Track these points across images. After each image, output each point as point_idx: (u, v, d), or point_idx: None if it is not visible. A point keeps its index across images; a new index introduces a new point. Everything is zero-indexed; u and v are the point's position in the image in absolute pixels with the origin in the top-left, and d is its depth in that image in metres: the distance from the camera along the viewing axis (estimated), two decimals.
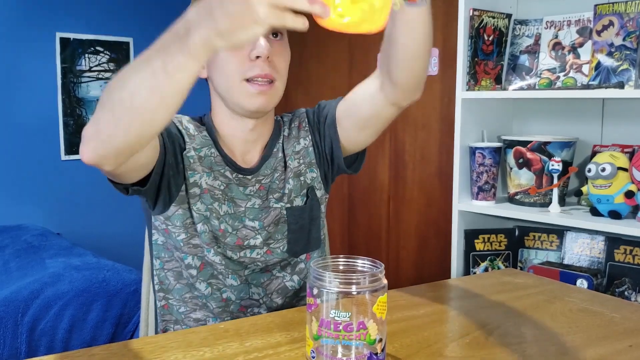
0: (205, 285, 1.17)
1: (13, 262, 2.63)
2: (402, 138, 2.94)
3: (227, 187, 1.18)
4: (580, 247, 2.02)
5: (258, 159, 1.22)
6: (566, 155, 2.03)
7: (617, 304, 1.21)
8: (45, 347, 2.19)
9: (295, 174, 1.24)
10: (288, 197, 1.23)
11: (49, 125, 3.52)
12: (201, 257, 1.16)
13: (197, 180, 1.15)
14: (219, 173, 1.18)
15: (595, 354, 0.93)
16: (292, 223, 1.22)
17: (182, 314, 1.19)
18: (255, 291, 1.20)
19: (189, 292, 1.18)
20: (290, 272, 1.24)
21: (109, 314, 2.32)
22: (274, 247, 1.21)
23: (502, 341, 0.97)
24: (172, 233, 1.16)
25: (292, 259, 1.24)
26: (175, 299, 1.19)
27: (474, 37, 2.13)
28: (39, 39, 3.45)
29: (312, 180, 1.26)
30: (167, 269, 1.18)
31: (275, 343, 0.94)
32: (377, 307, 0.81)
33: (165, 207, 1.14)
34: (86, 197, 3.65)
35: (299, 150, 1.26)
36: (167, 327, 1.20)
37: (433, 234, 2.84)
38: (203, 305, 1.18)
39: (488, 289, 1.27)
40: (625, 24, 1.86)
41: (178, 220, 1.15)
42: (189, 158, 1.15)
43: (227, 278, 1.17)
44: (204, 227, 1.15)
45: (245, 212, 1.19)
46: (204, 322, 1.18)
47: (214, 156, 1.18)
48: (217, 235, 1.16)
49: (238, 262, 1.18)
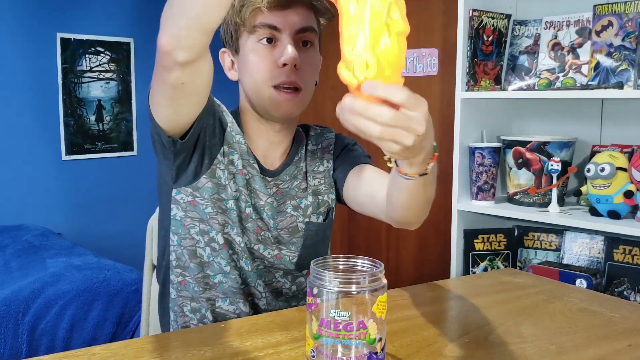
0: (224, 263, 1.18)
1: (14, 261, 2.63)
2: None
3: (252, 177, 1.20)
4: (580, 247, 2.02)
5: (280, 163, 1.25)
6: (565, 155, 2.03)
7: (616, 303, 1.21)
8: (46, 346, 2.19)
9: (314, 192, 1.28)
10: (304, 211, 1.26)
11: (50, 125, 3.52)
12: (225, 235, 1.18)
13: (235, 160, 1.18)
14: (247, 162, 1.20)
15: (595, 353, 0.94)
16: (308, 238, 1.26)
17: (197, 293, 1.20)
18: (260, 283, 1.22)
19: (201, 272, 1.19)
20: (291, 280, 1.27)
21: (109, 314, 2.32)
22: (285, 254, 1.24)
23: (501, 341, 0.98)
24: (198, 205, 1.16)
25: (296, 272, 1.27)
26: (191, 276, 1.20)
27: (474, 37, 2.14)
28: (39, 39, 3.45)
29: (332, 202, 1.31)
30: (183, 246, 1.19)
31: (275, 342, 0.95)
32: (377, 306, 0.82)
33: (195, 177, 1.15)
34: (87, 197, 3.65)
35: (321, 170, 1.30)
36: (184, 303, 1.21)
37: (433, 234, 2.84)
38: (213, 286, 1.19)
39: (487, 289, 1.28)
40: (625, 24, 1.87)
41: (207, 192, 1.16)
42: (231, 137, 1.18)
43: (241, 260, 1.19)
44: (233, 206, 1.17)
45: (264, 207, 1.21)
46: (213, 302, 1.20)
47: (245, 145, 1.20)
48: (242, 217, 1.18)
49: (251, 252, 1.20)
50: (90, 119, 3.65)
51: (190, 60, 0.91)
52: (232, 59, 1.23)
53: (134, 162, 3.83)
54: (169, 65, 0.92)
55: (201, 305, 1.20)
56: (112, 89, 3.70)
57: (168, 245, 1.21)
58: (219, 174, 1.16)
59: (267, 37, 1.14)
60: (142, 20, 3.69)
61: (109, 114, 3.72)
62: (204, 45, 0.91)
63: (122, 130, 3.78)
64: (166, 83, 0.97)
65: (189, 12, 0.86)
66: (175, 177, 1.16)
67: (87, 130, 3.64)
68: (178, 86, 0.97)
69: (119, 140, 3.77)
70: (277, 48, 1.14)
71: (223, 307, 1.20)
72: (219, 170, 1.16)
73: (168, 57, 0.90)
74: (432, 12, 2.77)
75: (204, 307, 1.20)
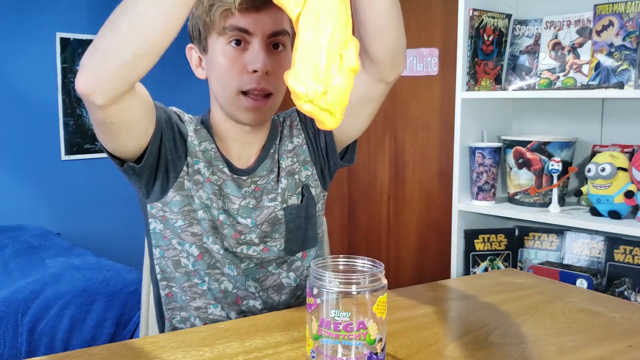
0: (203, 274, 1.17)
1: (13, 262, 2.63)
2: (402, 138, 2.94)
3: (223, 182, 1.18)
4: (580, 247, 2.02)
5: (254, 160, 1.22)
6: (566, 155, 2.03)
7: (617, 304, 1.21)
8: (45, 347, 2.19)
9: (288, 173, 1.23)
10: (282, 196, 1.22)
11: (49, 125, 3.52)
12: (199, 245, 1.16)
13: (200, 168, 1.15)
14: (217, 168, 1.18)
15: (595, 354, 0.93)
16: (289, 222, 1.22)
17: (185, 302, 1.19)
18: (251, 284, 1.20)
19: (187, 281, 1.18)
20: (287, 269, 1.24)
21: (109, 314, 2.32)
22: (271, 245, 1.21)
23: (501, 341, 0.97)
24: (169, 220, 1.15)
25: (288, 257, 1.23)
26: (177, 286, 1.19)
27: (474, 37, 2.13)
28: (39, 39, 3.45)
29: (306, 178, 1.25)
30: (166, 257, 1.18)
31: (275, 343, 0.94)
32: (377, 307, 0.81)
33: (162, 193, 1.14)
34: (86, 197, 3.65)
35: (291, 148, 1.25)
36: (174, 315, 1.20)
37: (433, 234, 2.84)
38: (202, 294, 1.18)
39: (488, 289, 1.27)
40: (625, 24, 1.87)
41: (175, 206, 1.14)
42: (193, 146, 1.16)
43: (224, 267, 1.18)
44: (204, 215, 1.15)
45: (239, 210, 1.19)
46: (204, 309, 1.18)
47: (213, 151, 1.18)
48: (217, 225, 1.16)
49: (235, 255, 1.18)
50: (89, 119, 3.64)
51: (109, 104, 0.89)
52: (200, 56, 1.18)
53: None
54: (89, 107, 0.90)
55: (190, 314, 1.19)
56: None
57: (152, 259, 1.21)
58: (187, 186, 1.14)
59: (236, 39, 1.10)
60: None
61: None
62: (124, 92, 0.90)
63: None
64: (96, 121, 0.96)
65: (114, 60, 0.84)
66: (146, 193, 1.15)
67: (86, 130, 3.64)
68: (108, 125, 0.95)
69: None
70: (247, 52, 1.10)
71: (215, 313, 1.19)
72: (186, 182, 1.14)
73: (86, 100, 0.88)
74: (432, 11, 2.77)
75: (193, 316, 1.19)
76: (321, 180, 1.28)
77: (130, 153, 1.06)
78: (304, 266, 1.25)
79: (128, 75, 0.87)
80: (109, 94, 0.88)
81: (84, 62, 0.87)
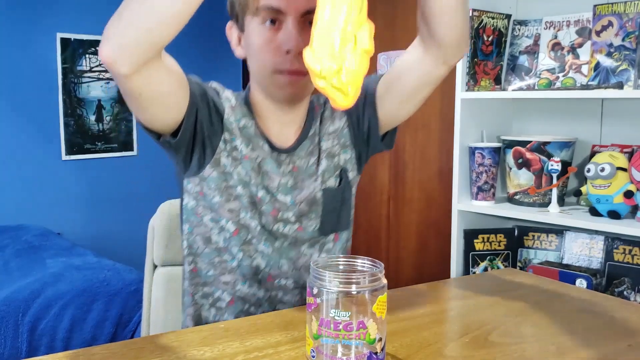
0: (237, 249, 1.17)
1: (13, 262, 2.63)
2: (402, 138, 2.94)
3: (263, 160, 1.18)
4: (580, 247, 2.02)
5: (294, 140, 1.22)
6: (565, 155, 2.03)
7: (616, 303, 1.21)
8: (45, 346, 2.19)
9: (328, 155, 1.23)
10: (322, 178, 1.22)
11: (50, 125, 3.52)
12: (236, 221, 1.16)
13: (238, 145, 1.16)
14: (256, 145, 1.18)
15: (595, 353, 0.94)
16: (327, 204, 1.22)
17: (211, 277, 1.20)
18: (284, 262, 1.20)
19: (217, 257, 1.18)
20: (319, 250, 1.24)
21: (109, 314, 2.32)
22: (306, 225, 1.21)
23: (501, 341, 0.98)
24: (206, 196, 1.16)
25: (321, 237, 1.23)
26: (204, 262, 1.19)
27: (474, 37, 2.14)
28: (39, 39, 3.45)
29: (345, 162, 1.25)
30: (195, 234, 1.19)
31: (275, 342, 0.95)
32: (377, 306, 0.82)
33: (199, 169, 1.15)
34: (86, 197, 3.66)
35: (332, 131, 1.25)
36: (197, 290, 1.21)
37: (433, 234, 2.84)
38: (232, 270, 1.19)
39: (487, 289, 1.28)
40: (625, 24, 1.87)
41: (213, 182, 1.15)
42: (230, 123, 1.16)
43: (260, 244, 1.18)
44: (243, 191, 1.15)
45: (278, 188, 1.19)
46: (232, 285, 1.19)
47: (252, 128, 1.18)
48: (255, 201, 1.17)
49: (271, 233, 1.19)
50: (90, 119, 3.65)
51: (134, 72, 0.89)
52: (239, 35, 1.19)
53: (134, 162, 3.83)
54: (115, 77, 0.91)
55: (215, 289, 1.19)
56: (112, 89, 3.70)
57: (181, 235, 1.21)
58: (224, 162, 1.15)
59: (270, 19, 1.10)
60: None
61: (109, 114, 3.72)
62: (149, 60, 0.90)
63: (122, 130, 3.78)
64: (124, 92, 0.96)
65: (139, 25, 0.85)
66: (184, 167, 1.16)
67: (87, 130, 3.64)
68: (136, 97, 0.96)
69: (119, 140, 3.78)
70: (281, 31, 1.10)
71: (243, 290, 1.19)
72: (223, 158, 1.15)
73: (111, 69, 0.88)
74: None
75: (219, 290, 1.19)
76: (357, 164, 1.28)
77: (165, 127, 1.07)
78: (335, 248, 1.26)
79: (152, 41, 0.87)
80: (133, 61, 0.88)
81: (108, 31, 0.87)
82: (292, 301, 1.21)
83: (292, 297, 1.22)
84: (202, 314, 1.21)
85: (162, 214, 1.49)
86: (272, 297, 1.20)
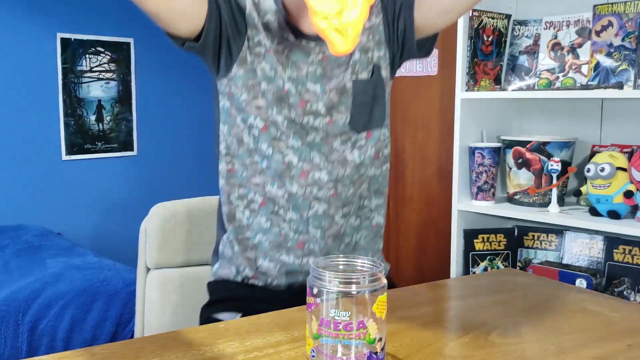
0: (267, 146, 1.18)
1: (14, 262, 2.64)
2: (402, 138, 2.95)
3: (290, 50, 1.18)
4: (580, 247, 2.02)
5: None
6: (565, 155, 2.03)
7: (616, 303, 1.22)
8: (46, 346, 2.20)
9: (362, 49, 1.22)
10: (352, 68, 1.21)
11: (50, 125, 3.52)
12: (265, 118, 1.17)
13: (262, 40, 1.16)
14: (281, 38, 1.18)
15: (594, 353, 0.94)
16: (357, 96, 1.21)
17: (245, 179, 1.21)
18: (316, 155, 1.20)
19: (249, 158, 1.20)
20: (351, 147, 1.23)
21: (109, 314, 2.32)
22: (336, 118, 1.20)
23: (501, 341, 0.98)
24: (234, 95, 1.18)
25: (352, 133, 1.22)
26: (239, 163, 1.21)
27: (474, 37, 2.14)
28: (39, 39, 3.45)
29: (378, 59, 1.24)
30: (232, 135, 1.20)
31: (275, 342, 0.95)
32: (377, 306, 0.82)
33: (227, 69, 1.17)
34: (86, 197, 3.66)
35: (368, 27, 1.23)
36: (232, 190, 1.23)
37: (433, 234, 2.84)
38: (262, 171, 1.19)
39: (487, 289, 1.28)
40: (624, 24, 1.87)
41: (240, 80, 1.17)
42: (252, 19, 1.16)
43: (289, 138, 1.18)
44: (268, 87, 1.16)
45: (307, 76, 1.18)
46: (262, 186, 1.20)
47: (278, 21, 1.18)
48: (282, 95, 1.17)
49: (301, 126, 1.18)
50: (90, 119, 3.65)
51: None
52: None
53: (134, 162, 3.83)
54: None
55: (249, 190, 1.21)
56: (112, 89, 3.71)
57: (218, 136, 1.23)
58: (249, 59, 1.16)
59: None
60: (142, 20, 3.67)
61: (109, 114, 3.72)
62: None
63: (122, 130, 3.78)
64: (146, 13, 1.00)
65: None
66: (215, 70, 1.18)
67: (87, 130, 3.64)
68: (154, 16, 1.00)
69: (119, 140, 3.78)
70: None
71: (272, 192, 1.19)
72: (247, 56, 1.16)
73: None
74: None
75: (252, 192, 1.20)
76: (391, 65, 1.27)
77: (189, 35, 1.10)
78: (368, 145, 1.24)
79: None
80: None
81: None
82: (326, 196, 1.20)
83: (326, 192, 1.20)
84: (237, 215, 1.23)
85: (155, 217, 1.48)
86: (306, 195, 1.19)
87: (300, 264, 1.22)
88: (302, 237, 1.21)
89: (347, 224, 1.24)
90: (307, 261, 1.22)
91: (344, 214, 1.23)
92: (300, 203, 1.20)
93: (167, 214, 1.48)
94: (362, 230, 1.28)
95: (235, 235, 1.24)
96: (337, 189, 1.21)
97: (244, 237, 1.23)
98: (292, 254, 1.22)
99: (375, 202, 1.29)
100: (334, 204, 1.21)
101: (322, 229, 1.21)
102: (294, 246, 1.21)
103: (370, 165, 1.25)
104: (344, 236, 1.25)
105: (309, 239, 1.21)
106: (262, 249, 1.22)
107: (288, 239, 1.21)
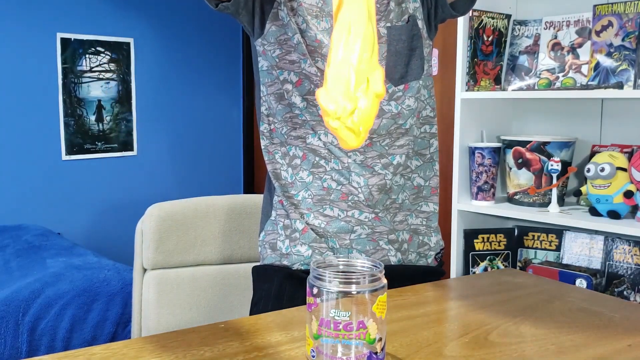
0: (300, 99, 1.19)
1: (14, 261, 2.64)
2: None
3: (324, 2, 1.19)
4: (580, 246, 2.02)
5: None
6: (565, 155, 2.03)
7: (616, 303, 1.22)
8: (46, 346, 2.20)
9: (397, 1, 1.22)
10: (387, 16, 1.20)
11: (50, 125, 3.52)
12: (298, 72, 1.18)
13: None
14: None
15: (595, 353, 0.94)
16: (392, 43, 1.20)
17: (285, 135, 1.22)
18: None
19: (289, 112, 1.21)
20: (387, 99, 1.22)
21: (109, 314, 2.32)
22: None
23: (501, 341, 0.98)
24: (267, 52, 1.19)
25: (388, 83, 1.21)
26: (279, 121, 1.22)
27: (474, 37, 2.14)
28: (39, 39, 3.45)
29: (414, 10, 1.23)
30: (269, 93, 1.22)
31: (275, 342, 0.95)
32: (377, 306, 0.82)
33: (262, 28, 1.18)
34: (86, 197, 3.66)
35: None
36: (276, 150, 1.24)
37: None
38: (302, 124, 1.21)
39: (487, 289, 1.28)
40: (625, 24, 1.87)
41: (272, 36, 1.18)
42: None
43: None
44: (301, 39, 1.17)
45: None
46: (303, 139, 1.21)
47: None
48: (314, 46, 1.18)
49: None
50: (90, 119, 3.65)
51: None
52: None
53: (134, 162, 3.83)
54: None
55: (290, 147, 1.22)
56: (112, 89, 3.71)
57: (260, 99, 1.24)
58: (281, 15, 1.17)
59: None
60: (142, 20, 3.69)
61: (109, 114, 3.72)
62: None
63: (122, 130, 3.78)
64: None
65: None
66: (252, 31, 1.20)
67: (87, 130, 3.64)
68: None
69: (119, 140, 3.78)
70: None
71: (314, 143, 1.20)
72: (280, 12, 1.17)
73: None
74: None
75: (293, 147, 1.22)
76: (427, 23, 1.26)
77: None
78: (405, 96, 1.23)
79: None
80: None
81: None
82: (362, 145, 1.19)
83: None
84: (281, 173, 1.24)
85: (151, 217, 1.48)
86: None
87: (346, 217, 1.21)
88: (345, 188, 1.21)
89: (390, 179, 1.23)
90: (353, 214, 1.21)
91: (383, 165, 1.21)
92: (338, 152, 1.20)
93: (163, 215, 1.48)
94: (405, 191, 1.28)
95: (283, 193, 1.26)
96: (372, 139, 1.20)
97: (289, 195, 1.24)
98: (336, 208, 1.22)
99: (415, 163, 1.28)
100: (369, 154, 1.20)
101: (364, 177, 1.20)
102: (338, 198, 1.21)
103: (408, 118, 1.23)
104: (390, 192, 1.24)
105: (351, 190, 1.21)
106: (306, 205, 1.23)
107: (331, 192, 1.21)
